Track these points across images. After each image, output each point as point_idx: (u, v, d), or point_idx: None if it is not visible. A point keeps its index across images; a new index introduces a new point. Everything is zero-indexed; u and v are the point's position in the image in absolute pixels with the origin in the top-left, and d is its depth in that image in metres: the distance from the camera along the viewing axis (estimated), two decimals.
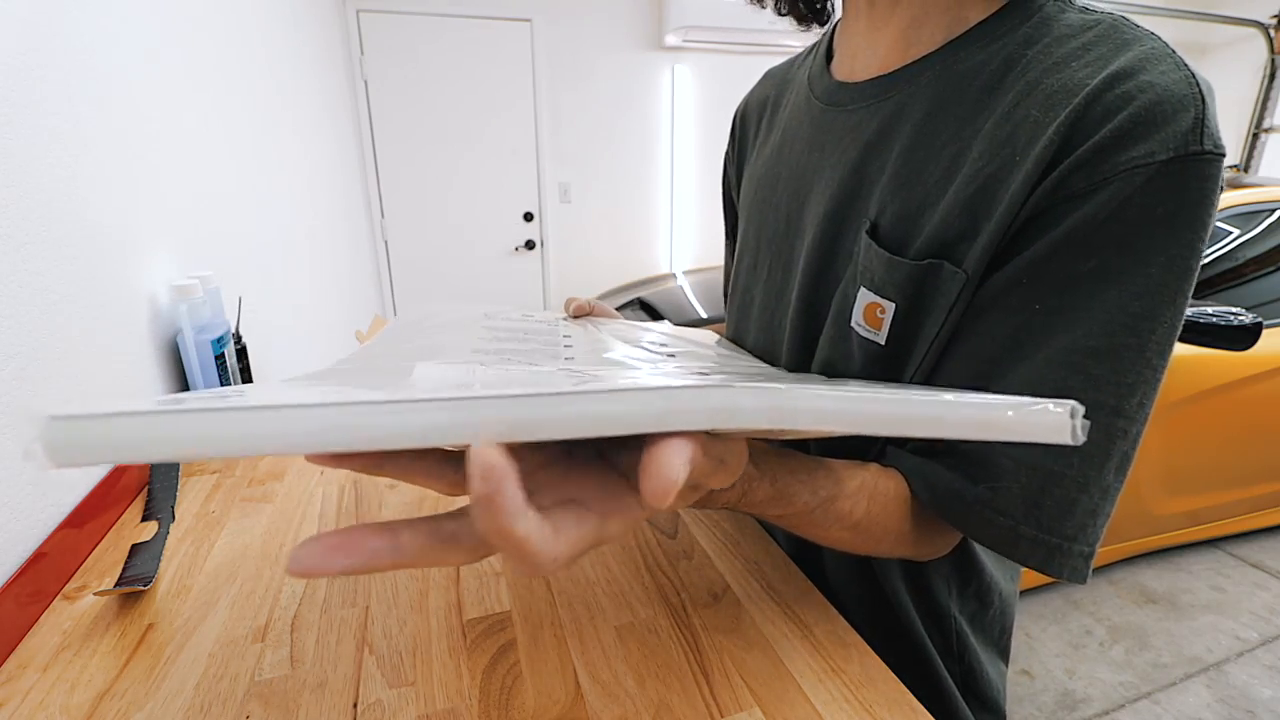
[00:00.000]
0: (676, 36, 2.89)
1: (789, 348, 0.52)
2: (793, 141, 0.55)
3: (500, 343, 0.48)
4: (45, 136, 0.60)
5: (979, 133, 0.39)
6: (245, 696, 0.42)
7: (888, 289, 0.41)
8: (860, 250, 0.43)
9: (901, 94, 0.44)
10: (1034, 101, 0.37)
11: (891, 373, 0.43)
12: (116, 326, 0.70)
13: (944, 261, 0.39)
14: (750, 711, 0.40)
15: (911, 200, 0.41)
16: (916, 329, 0.41)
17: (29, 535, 0.53)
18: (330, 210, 2.04)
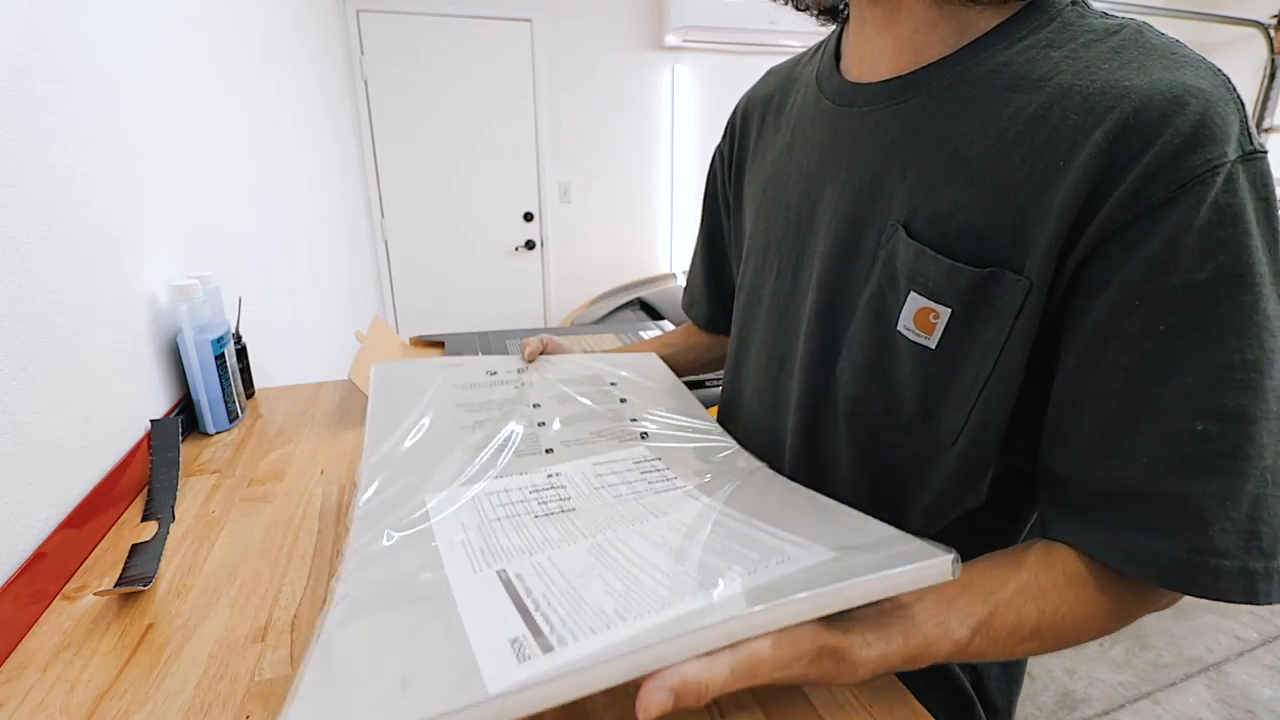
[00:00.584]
0: (676, 36, 2.89)
1: (807, 348, 0.51)
2: (803, 142, 0.54)
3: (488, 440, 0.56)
4: (45, 136, 0.60)
5: (1010, 135, 0.38)
6: (245, 696, 0.42)
7: (944, 295, 0.41)
8: (901, 254, 0.43)
9: (921, 95, 0.44)
10: (1071, 105, 0.36)
11: (943, 374, 0.42)
12: (116, 326, 0.70)
13: (1005, 270, 0.38)
14: (751, 712, 0.40)
15: (943, 202, 0.41)
16: (974, 335, 0.40)
17: (29, 535, 0.53)
18: (330, 210, 2.04)
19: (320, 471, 0.72)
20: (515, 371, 0.67)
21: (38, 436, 0.55)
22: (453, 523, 0.46)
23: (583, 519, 0.46)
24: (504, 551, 0.42)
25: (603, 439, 0.59)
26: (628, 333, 1.21)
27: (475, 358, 0.69)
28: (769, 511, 0.45)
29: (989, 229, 0.39)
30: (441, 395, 0.61)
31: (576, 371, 0.68)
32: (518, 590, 0.36)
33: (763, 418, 0.59)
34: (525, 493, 0.50)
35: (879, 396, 0.46)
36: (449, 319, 3.04)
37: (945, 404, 0.43)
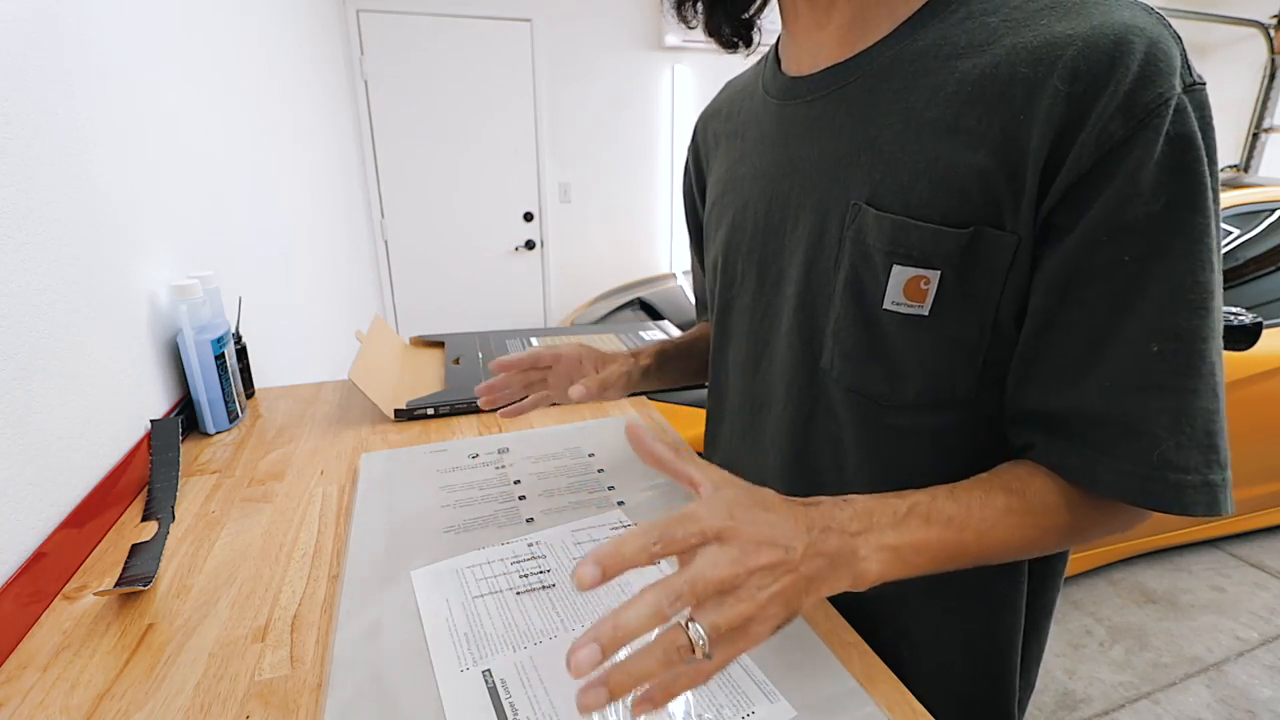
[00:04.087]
0: (676, 36, 2.89)
1: (787, 344, 0.51)
2: (753, 144, 0.54)
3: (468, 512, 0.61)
4: (45, 136, 0.60)
5: (962, 96, 0.39)
6: (245, 696, 0.42)
7: (933, 259, 0.41)
8: (873, 230, 0.43)
9: (864, 75, 0.44)
10: (1019, 60, 0.37)
11: (943, 338, 0.42)
12: (116, 326, 0.70)
13: (985, 227, 0.39)
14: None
15: (905, 171, 0.41)
16: (968, 293, 0.41)
17: (29, 535, 0.53)
18: (330, 210, 2.04)
19: (320, 471, 0.72)
20: (496, 453, 0.73)
21: (38, 436, 0.55)
22: (437, 598, 0.49)
23: (561, 599, 0.49)
24: (488, 641, 0.45)
25: (581, 507, 0.62)
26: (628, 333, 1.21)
27: (457, 442, 0.76)
28: None
29: (958, 189, 0.39)
30: (426, 479, 0.67)
31: (555, 446, 0.74)
32: (504, 707, 0.40)
33: (746, 426, 0.59)
34: (506, 564, 0.54)
35: (880, 379, 0.46)
36: (449, 319, 3.04)
37: (952, 365, 0.43)
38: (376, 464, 0.70)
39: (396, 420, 0.84)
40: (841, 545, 0.36)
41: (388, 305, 2.99)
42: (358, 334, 0.98)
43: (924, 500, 0.39)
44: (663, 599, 0.32)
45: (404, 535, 0.57)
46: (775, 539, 0.35)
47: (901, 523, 0.38)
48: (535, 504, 0.63)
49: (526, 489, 0.65)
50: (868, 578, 0.37)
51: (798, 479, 0.53)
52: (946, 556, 0.39)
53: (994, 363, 0.42)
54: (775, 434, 0.54)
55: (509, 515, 0.61)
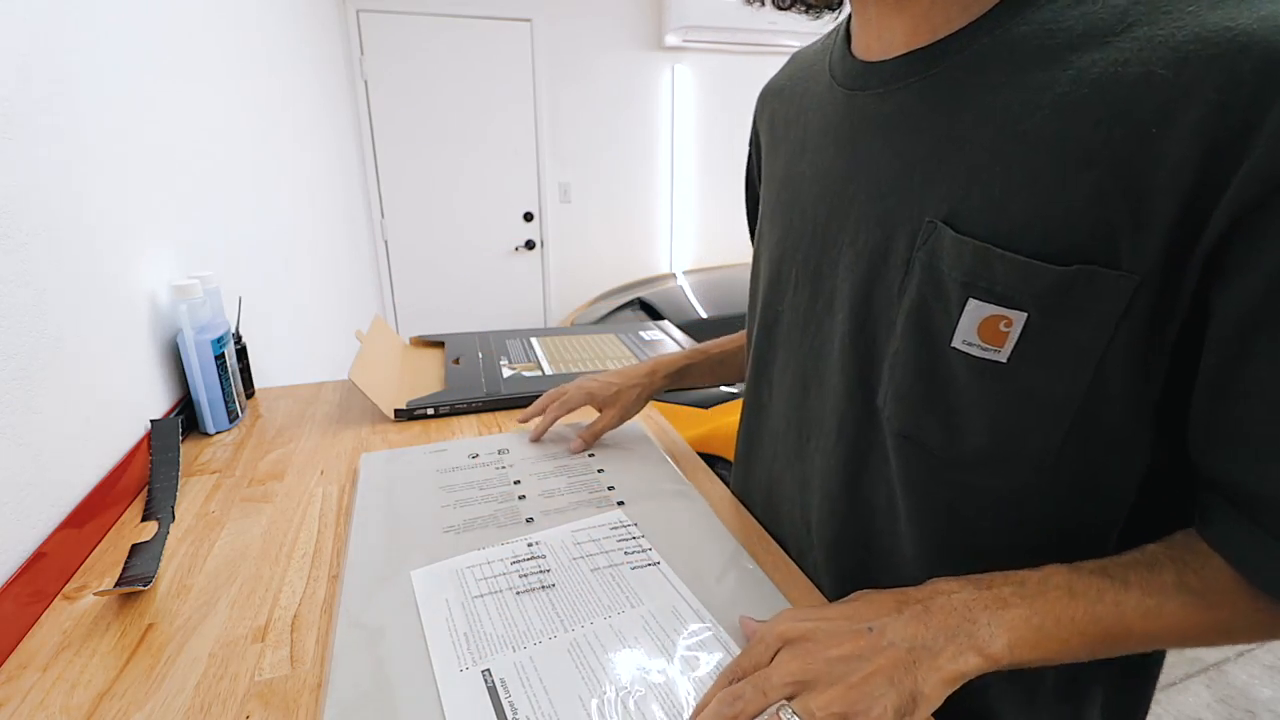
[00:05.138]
0: (676, 36, 2.89)
1: (842, 375, 0.45)
2: (817, 136, 0.48)
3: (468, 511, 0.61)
4: (45, 136, 0.60)
5: (1074, 100, 0.32)
6: (245, 696, 0.42)
7: (1018, 298, 0.34)
8: (949, 255, 0.36)
9: (950, 65, 0.37)
10: (1156, 58, 0.30)
11: (1020, 390, 0.36)
12: (116, 326, 0.70)
13: (1097, 266, 0.32)
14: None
15: (994, 188, 0.34)
16: (1060, 341, 0.34)
17: (29, 535, 0.53)
18: (330, 210, 2.04)
19: (320, 471, 0.72)
20: (496, 453, 0.73)
21: (38, 436, 0.55)
22: (437, 598, 0.49)
23: (561, 599, 0.49)
24: (488, 641, 0.45)
25: (581, 507, 0.62)
26: (628, 333, 1.21)
27: (457, 441, 0.76)
28: (736, 622, 0.47)
29: (1060, 217, 0.32)
30: (425, 479, 0.67)
31: (555, 446, 0.74)
32: (504, 707, 0.40)
33: (791, 454, 0.53)
34: (506, 564, 0.53)
35: (936, 428, 0.39)
36: (449, 319, 3.04)
37: (1027, 424, 0.36)
38: (376, 464, 0.70)
39: (396, 420, 0.84)
40: (950, 614, 0.34)
41: (388, 305, 2.99)
42: (358, 334, 0.98)
43: (1060, 570, 0.35)
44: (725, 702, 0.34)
45: (404, 535, 0.57)
46: (854, 624, 0.35)
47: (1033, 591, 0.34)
48: (535, 504, 0.63)
49: (526, 489, 0.65)
50: (993, 650, 0.33)
51: (846, 526, 0.48)
52: (1102, 634, 0.33)
53: (1087, 425, 0.35)
54: (824, 471, 0.48)
55: (509, 515, 0.61)
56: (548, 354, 1.07)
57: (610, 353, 1.09)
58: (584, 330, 1.23)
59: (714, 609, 0.48)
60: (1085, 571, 0.35)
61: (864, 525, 0.47)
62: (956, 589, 0.35)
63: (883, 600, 0.37)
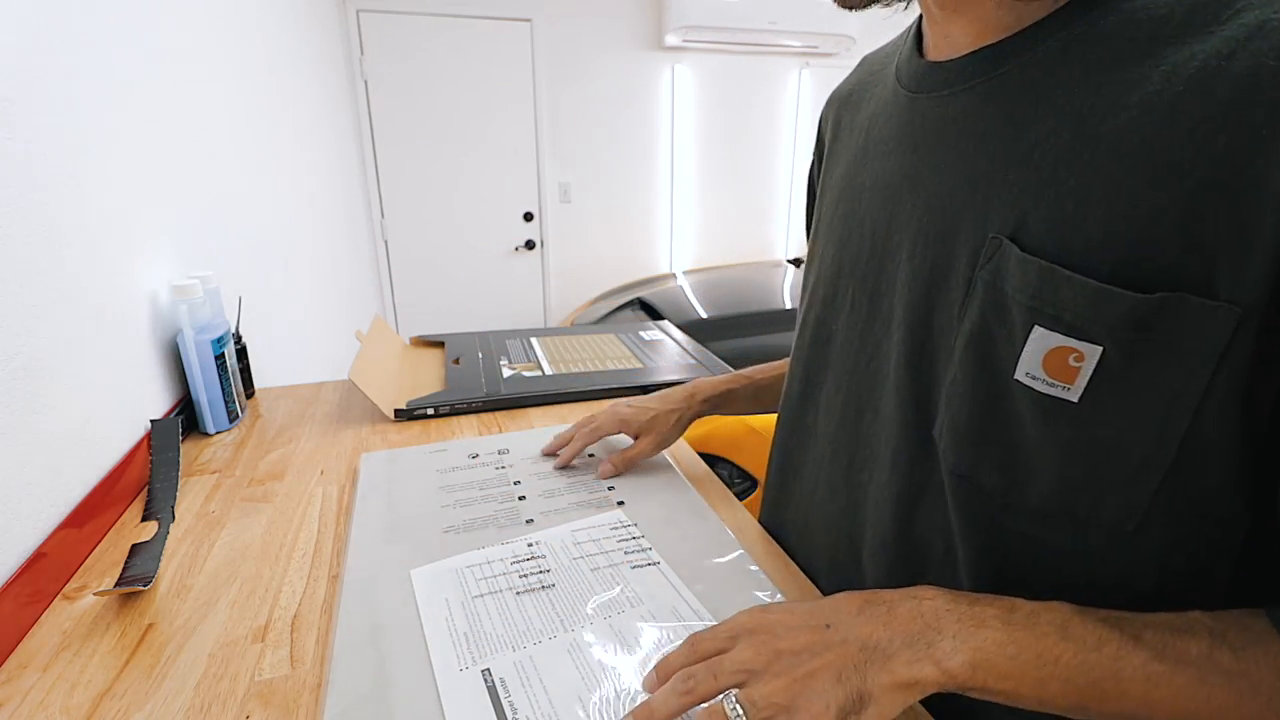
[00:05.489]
0: (676, 36, 2.89)
1: (898, 400, 0.41)
2: (878, 143, 0.45)
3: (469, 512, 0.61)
4: (45, 136, 0.60)
5: (1166, 100, 0.28)
6: (245, 696, 0.42)
7: (1091, 329, 0.29)
8: (1014, 276, 0.32)
9: (1023, 63, 0.34)
10: (1267, 49, 0.25)
11: (1095, 437, 0.31)
12: (117, 326, 0.70)
13: (1186, 294, 0.27)
14: None
15: (1069, 202, 0.30)
16: (1144, 384, 0.29)
17: (29, 535, 0.53)
18: (330, 210, 2.04)
19: (320, 471, 0.72)
20: (496, 453, 0.73)
21: (38, 436, 0.55)
22: (437, 598, 0.49)
23: (561, 599, 0.49)
24: (487, 641, 0.45)
25: (581, 507, 0.62)
26: (628, 333, 1.21)
27: (457, 441, 0.77)
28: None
29: (1144, 234, 0.28)
30: (426, 479, 0.67)
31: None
32: (503, 706, 0.40)
33: (837, 482, 0.49)
34: (506, 564, 0.53)
35: (995, 469, 0.35)
36: (449, 319, 3.05)
37: (1104, 478, 0.31)
38: (376, 464, 0.70)
39: (396, 420, 0.84)
40: (914, 619, 0.32)
41: (388, 305, 2.99)
42: (358, 334, 0.98)
43: (1062, 608, 0.32)
44: (679, 681, 0.34)
45: (404, 535, 0.57)
46: (812, 619, 0.35)
47: (1020, 620, 0.31)
48: (535, 504, 0.63)
49: (526, 489, 0.65)
50: (951, 665, 0.30)
51: (901, 561, 0.43)
52: (1090, 685, 0.29)
53: (1183, 486, 0.30)
54: (877, 505, 0.44)
55: (509, 515, 0.61)
56: (548, 354, 1.07)
57: (610, 352, 1.09)
58: (584, 330, 1.23)
59: (714, 608, 0.48)
60: (1092, 617, 0.31)
61: (918, 568, 0.42)
62: (932, 597, 0.34)
63: (849, 599, 0.36)
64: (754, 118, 3.29)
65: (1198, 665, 0.29)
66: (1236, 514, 0.31)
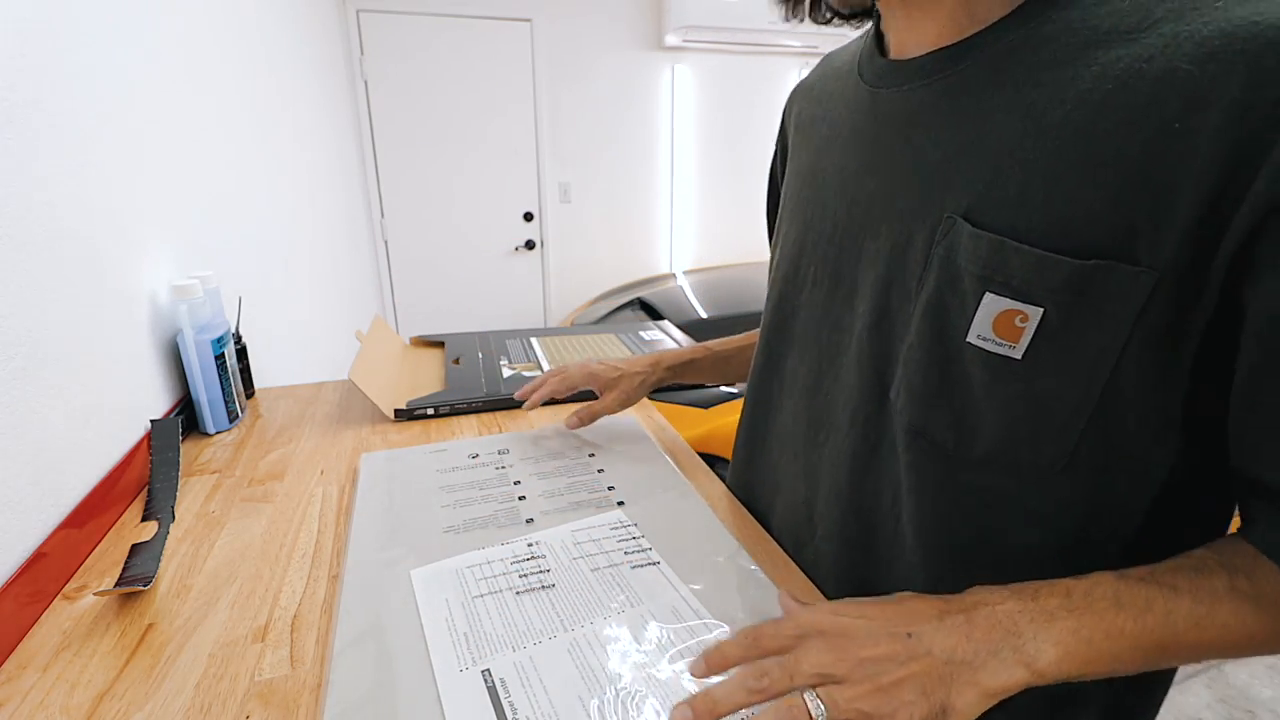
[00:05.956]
0: (676, 36, 2.89)
1: (857, 368, 0.45)
2: (841, 134, 0.48)
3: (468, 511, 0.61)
4: (45, 136, 0.60)
5: (1098, 96, 0.32)
6: (245, 696, 0.42)
7: (1034, 293, 0.34)
8: (966, 249, 0.36)
9: (976, 62, 0.37)
10: (1180, 54, 0.30)
11: (1033, 390, 0.35)
12: (116, 326, 0.70)
13: (1115, 262, 0.32)
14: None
15: (1015, 183, 0.35)
16: (1076, 340, 0.34)
17: (29, 535, 0.53)
18: (330, 210, 2.04)
19: (320, 471, 0.72)
20: (496, 453, 0.73)
21: (38, 436, 0.55)
22: (437, 598, 0.49)
23: (561, 599, 0.49)
24: (487, 641, 0.45)
25: (581, 507, 0.62)
26: (628, 333, 1.21)
27: (457, 442, 0.77)
28: (738, 619, 0.47)
29: (1081, 211, 0.32)
30: (425, 479, 0.67)
31: (555, 446, 0.74)
32: (503, 706, 0.40)
33: (798, 447, 0.53)
34: (506, 564, 0.53)
35: (947, 425, 0.39)
36: (449, 319, 3.04)
37: (1040, 425, 0.36)
38: (376, 464, 0.70)
39: (396, 420, 0.84)
40: (993, 628, 0.33)
41: (388, 305, 2.99)
42: (358, 334, 0.98)
43: (1107, 579, 0.34)
44: (751, 676, 0.34)
45: (404, 535, 0.57)
46: (892, 627, 0.34)
47: (1080, 603, 0.33)
48: (535, 504, 0.63)
49: (526, 489, 0.65)
50: (1041, 665, 0.32)
51: (851, 517, 0.48)
52: (1154, 645, 0.33)
53: (1104, 431, 0.35)
54: (831, 464, 0.49)
55: (509, 515, 0.61)
56: (548, 354, 1.07)
57: (610, 352, 1.10)
58: (584, 330, 1.23)
59: (713, 608, 0.48)
60: (1132, 580, 0.34)
61: (866, 519, 0.47)
62: (1001, 600, 0.35)
63: (924, 607, 0.36)
64: (754, 118, 3.29)
65: (1228, 598, 0.33)
66: (1152, 455, 0.36)
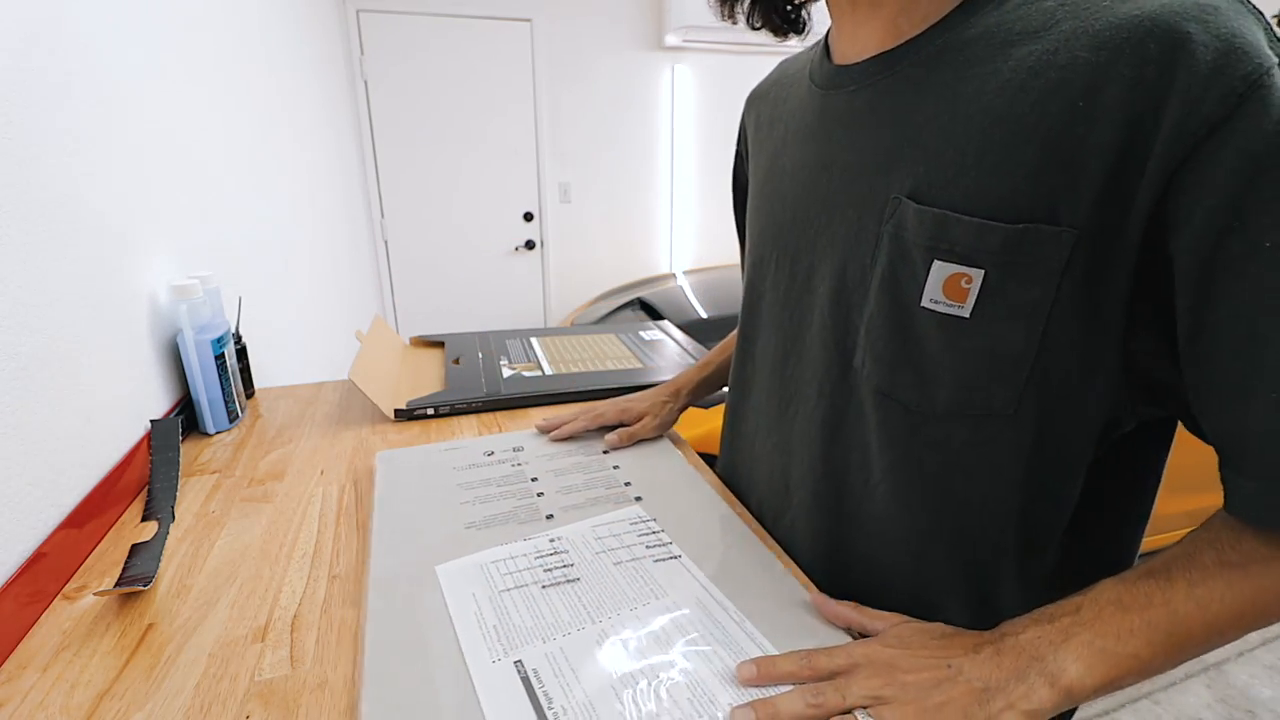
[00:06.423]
0: (676, 36, 2.89)
1: (821, 342, 0.50)
2: (795, 134, 0.53)
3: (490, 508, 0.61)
4: (46, 136, 0.60)
5: (1014, 85, 0.37)
6: (245, 696, 0.42)
7: (975, 256, 0.38)
8: (913, 224, 0.41)
9: (910, 64, 0.43)
10: (1078, 45, 0.35)
11: (983, 344, 0.40)
12: (116, 326, 0.70)
13: (1039, 224, 0.36)
14: None
15: (950, 164, 0.39)
16: (1013, 296, 0.38)
17: (29, 535, 0.53)
18: (330, 210, 2.04)
19: (320, 471, 0.72)
20: (511, 450, 0.73)
21: (38, 436, 0.55)
22: (464, 593, 0.50)
23: (587, 592, 0.50)
24: (517, 633, 0.45)
25: (599, 503, 0.63)
26: (628, 333, 1.21)
27: (474, 439, 0.77)
28: (760, 608, 0.48)
29: (1006, 184, 0.37)
30: (442, 476, 0.67)
31: (569, 444, 0.75)
32: (538, 696, 0.40)
33: (771, 423, 0.58)
34: (530, 559, 0.54)
35: (911, 384, 0.43)
36: (449, 319, 3.04)
37: (990, 375, 0.40)
38: (393, 461, 0.70)
39: (396, 420, 0.84)
40: (1019, 655, 0.36)
41: (388, 305, 2.99)
42: (358, 334, 0.98)
43: (1109, 585, 0.37)
44: (809, 693, 0.38)
45: (426, 531, 0.58)
46: (934, 658, 0.39)
47: (1088, 615, 0.36)
48: (554, 500, 0.63)
49: (544, 486, 0.65)
50: (1065, 681, 0.35)
51: (824, 482, 0.52)
52: (1164, 638, 0.35)
53: (1045, 376, 0.39)
54: (803, 434, 0.53)
55: (529, 512, 0.61)
56: (548, 354, 1.07)
57: (610, 353, 1.09)
58: (584, 330, 1.23)
59: (736, 599, 0.49)
60: (1130, 580, 0.37)
61: (838, 482, 0.51)
62: (1023, 629, 0.38)
63: (961, 641, 0.40)
64: None
65: (1218, 571, 0.35)
66: (1094, 396, 0.39)
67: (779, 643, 0.44)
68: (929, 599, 0.47)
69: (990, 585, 0.46)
